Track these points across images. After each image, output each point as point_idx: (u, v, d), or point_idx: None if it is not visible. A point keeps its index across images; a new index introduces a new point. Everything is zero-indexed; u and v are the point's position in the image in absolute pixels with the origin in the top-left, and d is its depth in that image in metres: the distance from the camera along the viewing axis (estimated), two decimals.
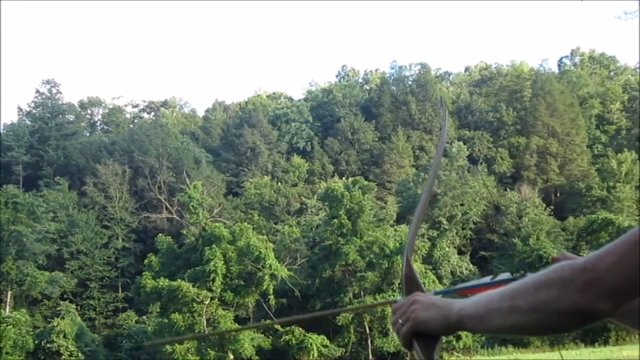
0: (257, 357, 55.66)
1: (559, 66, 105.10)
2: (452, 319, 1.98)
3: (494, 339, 61.87)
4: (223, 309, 57.63)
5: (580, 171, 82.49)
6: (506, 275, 2.42)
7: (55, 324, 59.72)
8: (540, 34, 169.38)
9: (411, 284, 2.27)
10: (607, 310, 1.68)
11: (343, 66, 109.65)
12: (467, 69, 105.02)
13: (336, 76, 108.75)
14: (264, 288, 57.18)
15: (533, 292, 1.75)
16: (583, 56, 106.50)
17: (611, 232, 61.88)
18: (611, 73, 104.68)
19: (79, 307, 69.13)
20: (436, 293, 2.41)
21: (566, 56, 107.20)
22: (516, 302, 1.79)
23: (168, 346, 55.25)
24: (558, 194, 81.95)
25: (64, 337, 58.88)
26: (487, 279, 2.47)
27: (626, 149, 76.56)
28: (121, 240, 77.84)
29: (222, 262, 57.30)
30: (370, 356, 57.54)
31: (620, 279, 1.64)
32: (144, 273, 59.29)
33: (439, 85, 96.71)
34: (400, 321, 2.09)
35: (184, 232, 65.46)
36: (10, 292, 66.69)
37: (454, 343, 58.97)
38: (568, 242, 65.78)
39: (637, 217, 58.87)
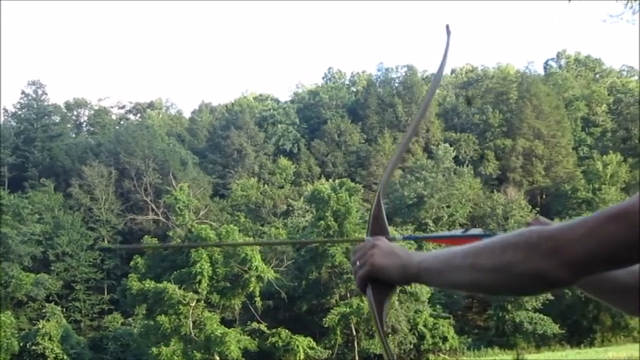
0: (243, 359, 55.60)
1: (545, 68, 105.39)
2: (410, 271, 1.98)
3: (480, 341, 62.02)
4: (209, 311, 57.54)
5: (566, 173, 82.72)
6: (478, 230, 2.41)
7: (41, 326, 59.50)
8: (526, 36, 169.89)
9: (377, 226, 2.28)
10: (565, 279, 1.71)
11: (330, 68, 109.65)
12: (453, 71, 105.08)
13: (323, 78, 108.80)
14: (250, 290, 57.15)
15: (499, 253, 1.76)
16: (569, 58, 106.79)
17: None
18: (597, 76, 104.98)
19: (64, 310, 68.83)
20: (405, 238, 2.40)
21: (552, 58, 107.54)
22: (480, 261, 1.80)
23: (154, 349, 55.14)
24: (544, 196, 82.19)
25: (50, 339, 58.64)
26: (458, 232, 2.47)
27: (611, 151, 76.84)
28: (106, 242, 77.50)
29: (209, 264, 57.24)
30: (357, 358, 57.57)
31: (585, 252, 1.67)
32: (130, 275, 59.18)
33: (425, 87, 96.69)
34: (358, 263, 2.08)
35: (170, 233, 65.36)
36: None
37: (440, 344, 59.08)
38: None
39: None
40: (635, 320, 60.88)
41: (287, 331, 56.17)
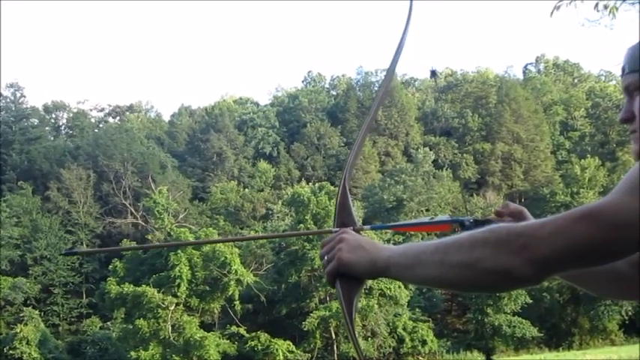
0: None
1: (524, 73, 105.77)
2: (378, 266, 1.98)
3: (459, 344, 62.19)
4: (188, 315, 57.41)
5: (544, 177, 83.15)
6: (445, 217, 2.44)
7: (18, 330, 59.08)
8: (506, 40, 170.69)
9: (344, 216, 2.26)
10: (533, 276, 1.73)
11: (309, 71, 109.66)
12: (433, 75, 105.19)
13: (303, 82, 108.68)
14: (229, 293, 57.07)
15: (468, 249, 1.78)
16: (547, 63, 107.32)
17: None
18: (575, 80, 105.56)
19: (42, 314, 68.38)
20: (373, 228, 2.40)
21: (531, 63, 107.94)
22: (449, 256, 1.81)
23: (133, 352, 54.97)
24: (523, 199, 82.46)
25: (27, 343, 58.28)
26: (426, 219, 2.48)
27: (589, 155, 77.27)
28: (85, 245, 77.06)
29: (188, 268, 57.10)
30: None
31: (553, 250, 1.69)
32: (108, 279, 58.91)
33: (405, 91, 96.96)
34: (326, 258, 2.07)
35: (149, 237, 65.13)
36: None
37: (419, 348, 59.19)
38: None
39: None
40: (613, 323, 61.35)
41: (266, 334, 56.11)
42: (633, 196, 1.71)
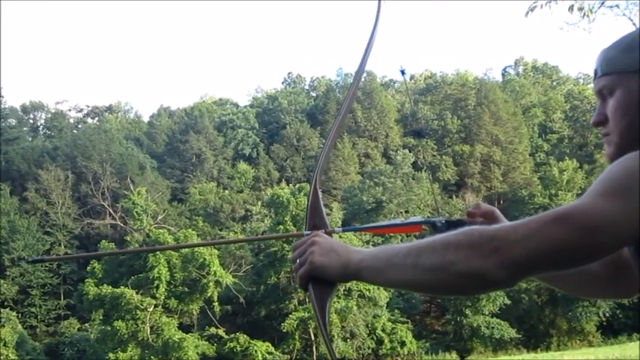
0: None
1: (503, 75, 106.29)
2: (350, 269, 1.99)
3: (438, 345, 62.34)
4: (167, 316, 57.21)
5: (523, 179, 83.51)
6: (417, 218, 2.44)
7: None
8: (485, 43, 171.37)
9: (316, 218, 2.28)
10: (505, 279, 1.74)
11: (289, 73, 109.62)
12: (412, 77, 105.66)
13: (282, 83, 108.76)
14: (208, 295, 56.92)
15: (441, 252, 1.78)
16: (526, 66, 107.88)
17: None
18: (554, 83, 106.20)
19: (19, 315, 67.97)
20: (345, 230, 2.40)
21: (510, 66, 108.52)
22: (421, 259, 1.82)
23: (111, 354, 54.71)
24: (502, 201, 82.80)
25: (4, 345, 57.84)
26: (398, 220, 2.48)
27: (567, 157, 77.67)
28: (63, 246, 76.80)
29: (166, 269, 56.91)
30: None
31: (526, 253, 1.70)
32: (86, 280, 58.58)
33: (384, 93, 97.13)
34: (298, 261, 2.08)
35: (128, 238, 64.89)
36: None
37: (398, 349, 59.27)
38: None
39: None
40: (591, 324, 61.69)
41: (245, 336, 55.98)
42: (606, 199, 1.72)
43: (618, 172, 1.80)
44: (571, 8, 10.67)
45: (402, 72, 2.74)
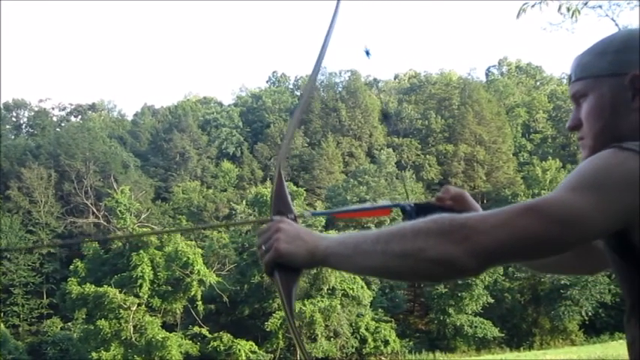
0: None
1: (486, 75, 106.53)
2: (317, 256, 2.00)
3: (421, 344, 62.46)
4: (151, 315, 57.05)
5: (506, 178, 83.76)
6: (386, 202, 2.45)
7: None
8: (469, 43, 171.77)
9: (281, 204, 2.27)
10: (474, 267, 1.76)
11: (274, 71, 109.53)
12: (396, 76, 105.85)
13: (267, 82, 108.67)
14: (192, 294, 56.79)
15: (411, 239, 1.80)
16: (510, 66, 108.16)
17: None
18: (537, 83, 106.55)
19: (2, 314, 67.55)
20: (314, 214, 2.41)
21: (494, 66, 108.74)
22: (391, 246, 1.83)
23: (94, 353, 54.48)
24: (485, 201, 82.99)
25: None
26: (368, 205, 2.50)
27: (550, 157, 78.01)
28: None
29: (150, 268, 56.75)
30: None
31: (495, 242, 1.73)
32: (69, 279, 58.33)
33: (369, 92, 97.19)
34: (263, 248, 2.08)
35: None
36: None
37: (382, 348, 59.35)
38: None
39: None
40: (574, 323, 61.97)
41: (229, 335, 55.94)
42: (576, 193, 1.76)
43: (589, 168, 1.84)
44: (560, 8, 10.71)
45: (367, 52, 2.76)
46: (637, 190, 1.75)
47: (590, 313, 60.22)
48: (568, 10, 10.83)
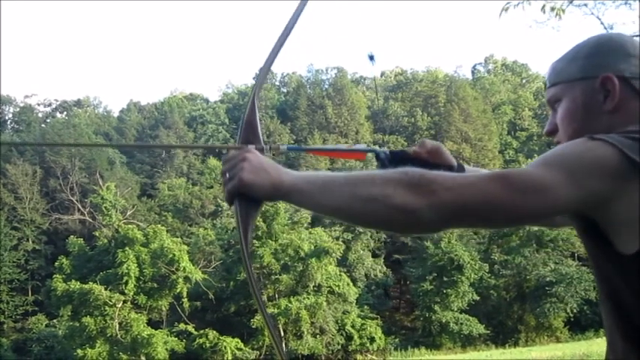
0: None
1: (473, 73, 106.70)
2: (280, 190, 2.01)
3: (407, 341, 62.55)
4: (136, 312, 56.94)
5: None
6: (362, 146, 2.48)
7: None
8: (455, 41, 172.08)
9: (250, 133, 2.33)
10: (436, 221, 1.82)
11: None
12: (383, 74, 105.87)
13: (253, 78, 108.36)
14: (177, 291, 56.73)
15: (380, 184, 1.84)
16: (496, 64, 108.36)
17: (522, 236, 63.20)
18: (523, 81, 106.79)
19: None
20: (290, 149, 2.41)
21: (480, 63, 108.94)
22: (358, 189, 1.86)
23: (79, 350, 54.34)
24: None
25: None
26: (344, 146, 2.51)
27: (536, 155, 77.73)
28: (31, 242, 76.12)
29: (136, 265, 56.67)
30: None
31: (459, 200, 1.79)
32: (55, 276, 58.15)
33: (355, 90, 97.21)
34: (227, 175, 2.09)
35: (97, 234, 64.47)
36: None
37: (368, 345, 59.42)
38: (480, 245, 66.92)
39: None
40: (559, 320, 62.20)
41: (215, 332, 55.89)
42: (544, 168, 1.85)
43: (562, 150, 1.94)
44: (543, 7, 10.75)
45: (371, 57, 2.75)
46: (604, 177, 1.82)
47: (575, 310, 60.41)
48: (552, 9, 10.87)
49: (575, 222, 2.04)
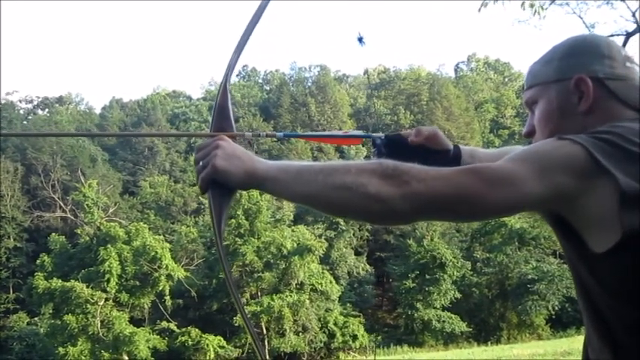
0: (152, 359, 54.97)
1: (455, 71, 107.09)
2: (255, 178, 2.04)
3: (390, 339, 62.66)
4: (118, 310, 56.76)
5: None
6: (358, 132, 2.46)
7: None
8: (438, 39, 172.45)
9: (222, 119, 2.31)
10: (407, 212, 1.86)
11: (244, 66, 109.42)
12: (366, 72, 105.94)
13: (237, 76, 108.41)
14: (160, 289, 56.59)
15: (355, 173, 1.88)
16: (479, 62, 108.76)
17: (504, 234, 63.48)
18: (506, 79, 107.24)
19: None
20: (286, 136, 2.42)
21: (463, 62, 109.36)
22: (333, 178, 1.90)
23: (61, 348, 54.10)
24: None
25: None
26: (340, 132, 2.52)
27: None
28: (12, 239, 75.71)
29: (118, 263, 56.50)
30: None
31: (431, 191, 1.83)
32: (36, 273, 57.86)
33: (338, 87, 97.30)
34: (201, 163, 2.10)
35: (78, 231, 64.17)
36: None
37: (350, 342, 59.47)
38: (462, 243, 67.14)
39: (528, 219, 60.55)
40: (540, 318, 62.46)
41: (197, 330, 55.80)
42: (515, 162, 1.88)
43: (532, 147, 1.97)
44: (523, 4, 10.80)
45: (360, 39, 2.75)
46: (570, 174, 1.85)
47: (556, 308, 60.68)
48: (531, 7, 10.92)
49: (548, 220, 2.06)
